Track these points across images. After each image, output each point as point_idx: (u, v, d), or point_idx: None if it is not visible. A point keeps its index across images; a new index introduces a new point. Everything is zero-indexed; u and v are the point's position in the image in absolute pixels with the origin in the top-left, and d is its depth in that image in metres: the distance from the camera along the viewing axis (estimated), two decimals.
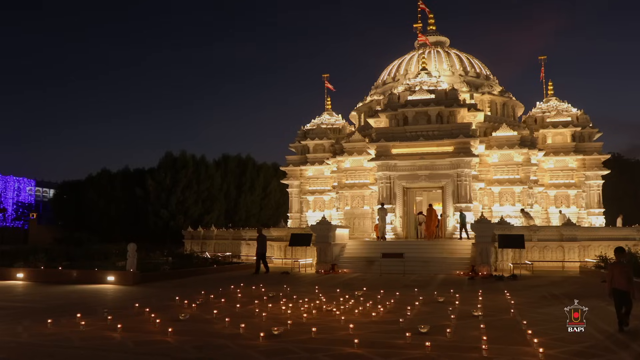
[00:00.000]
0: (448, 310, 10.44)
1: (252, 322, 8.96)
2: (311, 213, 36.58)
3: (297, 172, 37.29)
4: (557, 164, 32.96)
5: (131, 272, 15.89)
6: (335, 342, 7.46)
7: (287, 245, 27.12)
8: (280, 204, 51.36)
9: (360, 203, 33.22)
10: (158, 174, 44.07)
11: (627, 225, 28.74)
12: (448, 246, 23.87)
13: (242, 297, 12.55)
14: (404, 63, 38.61)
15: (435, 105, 29.69)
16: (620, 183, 45.55)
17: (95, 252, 21.43)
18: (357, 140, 33.70)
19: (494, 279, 18.19)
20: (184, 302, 11.30)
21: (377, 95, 38.07)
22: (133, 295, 13.31)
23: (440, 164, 29.03)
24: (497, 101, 35.86)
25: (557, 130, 33.24)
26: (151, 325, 8.67)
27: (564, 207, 32.52)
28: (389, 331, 8.39)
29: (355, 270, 21.68)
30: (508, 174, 31.21)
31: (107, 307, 10.69)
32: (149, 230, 42.20)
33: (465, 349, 7.08)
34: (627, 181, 48.75)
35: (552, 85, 37.14)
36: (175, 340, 7.55)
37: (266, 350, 6.94)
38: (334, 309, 10.44)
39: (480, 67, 37.97)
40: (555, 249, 24.12)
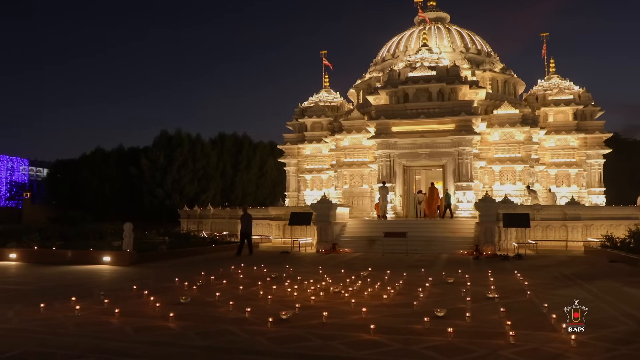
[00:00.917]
0: (461, 292, 10.00)
1: (257, 306, 8.48)
2: (309, 192, 36.14)
3: (295, 150, 36.73)
4: (559, 143, 32.49)
5: (128, 252, 15.36)
6: (348, 328, 6.99)
7: (285, 224, 26.72)
8: (276, 182, 50.85)
9: (359, 182, 32.74)
10: (153, 152, 43.37)
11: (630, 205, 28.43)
12: (450, 225, 23.47)
13: (244, 278, 12.08)
14: (403, 39, 37.78)
15: (437, 82, 29.04)
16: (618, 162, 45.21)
17: (90, 232, 20.91)
18: (356, 118, 33.08)
19: (500, 259, 17.82)
20: (183, 284, 10.80)
21: (376, 72, 37.32)
22: (130, 276, 12.81)
23: (441, 142, 28.52)
24: (498, 79, 35.21)
25: (559, 108, 32.69)
26: (151, 309, 8.17)
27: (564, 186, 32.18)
28: (403, 315, 7.93)
29: (357, 250, 21.27)
30: (509, 153, 30.73)
31: (103, 289, 10.17)
32: (144, 209, 41.66)
33: (489, 334, 6.63)
34: (624, 160, 48.43)
35: (553, 63, 36.57)
36: (177, 325, 7.05)
37: (276, 337, 6.46)
38: (342, 291, 9.98)
39: (482, 43, 37.21)
40: (558, 228, 23.80)
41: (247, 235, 20.04)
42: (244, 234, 20.03)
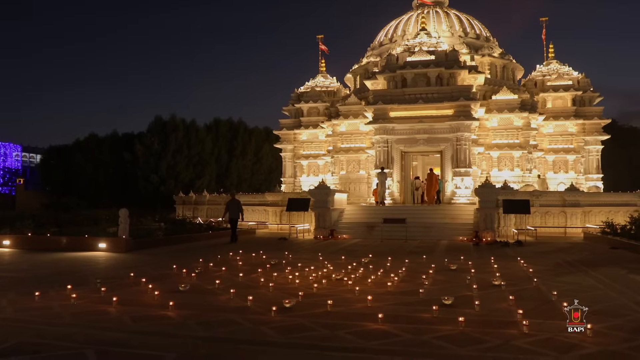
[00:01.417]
0: (465, 279, 9.81)
1: (259, 294, 8.25)
2: (305, 178, 35.94)
3: (291, 136, 36.41)
4: (557, 129, 32.30)
5: (124, 238, 15.07)
6: (355, 317, 6.77)
7: (282, 210, 26.51)
8: (272, 168, 50.56)
9: (355, 167, 32.52)
10: (147, 138, 42.87)
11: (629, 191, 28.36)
12: (449, 211, 23.30)
13: (243, 265, 11.84)
14: (401, 23, 37.30)
15: (435, 67, 28.68)
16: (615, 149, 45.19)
17: (85, 218, 20.61)
18: (353, 103, 32.72)
19: (500, 245, 17.66)
20: (182, 271, 10.55)
21: (373, 57, 36.88)
22: (126, 263, 12.55)
23: (440, 128, 28.23)
24: (497, 64, 34.87)
25: (558, 94, 32.44)
26: (149, 298, 7.91)
27: (562, 172, 32.09)
28: (409, 303, 7.72)
29: (355, 236, 21.08)
30: (507, 139, 30.53)
31: (99, 276, 9.91)
32: (139, 195, 41.28)
33: (500, 323, 6.43)
34: (620, 147, 48.40)
35: (552, 48, 36.21)
36: (177, 315, 6.80)
37: (280, 326, 6.23)
38: (344, 278, 9.76)
39: (480, 28, 36.79)
40: (557, 215, 23.67)
41: (235, 222, 19.70)
42: (232, 220, 19.71)
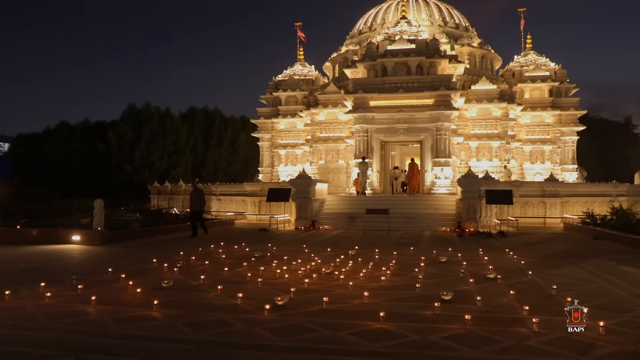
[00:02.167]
0: (459, 272, 9.53)
1: (247, 290, 7.80)
2: (283, 167, 35.52)
3: (269, 125, 35.87)
4: (534, 119, 32.50)
5: (99, 230, 14.39)
6: (353, 315, 6.40)
7: (261, 200, 26.05)
8: (248, 158, 49.85)
9: (334, 157, 32.22)
10: (121, 127, 41.62)
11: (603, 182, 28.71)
12: (431, 202, 23.15)
13: (227, 259, 11.35)
14: (381, 12, 36.90)
15: (416, 56, 28.41)
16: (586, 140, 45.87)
17: (56, 209, 19.75)
18: (332, 92, 32.32)
19: (484, 236, 17.53)
20: (163, 266, 10.02)
21: (352, 45, 36.42)
22: (103, 257, 11.92)
23: (420, 117, 28.05)
24: (476, 54, 34.82)
25: (535, 84, 32.60)
26: (131, 296, 7.38)
27: (538, 163, 32.34)
28: (407, 299, 7.39)
29: (337, 227, 20.74)
30: (486, 129, 30.54)
31: (75, 272, 9.31)
32: (112, 185, 40.14)
33: (507, 320, 6.13)
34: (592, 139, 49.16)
35: (530, 39, 36.27)
36: (163, 315, 6.31)
37: (277, 327, 5.81)
38: (334, 272, 9.37)
39: (460, 17, 36.65)
40: (537, 205, 23.76)
41: (199, 214, 17.90)
42: (194, 212, 17.77)
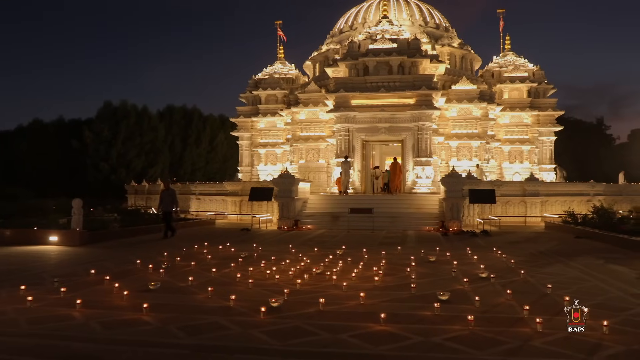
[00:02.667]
0: (452, 271, 9.43)
1: (238, 291, 7.55)
2: (262, 167, 35.24)
3: (248, 123, 35.54)
4: (513, 120, 32.83)
5: (77, 230, 13.91)
6: (352, 317, 6.21)
7: (242, 200, 25.76)
8: (227, 157, 49.40)
9: (315, 156, 32.03)
10: (97, 125, 40.70)
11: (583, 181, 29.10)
12: (414, 201, 23.12)
13: (213, 259, 11.06)
14: (362, 11, 36.85)
15: (398, 55, 28.39)
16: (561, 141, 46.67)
17: (31, 208, 19.10)
18: (313, 91, 32.11)
19: (468, 235, 17.54)
20: (147, 267, 9.69)
21: (333, 44, 36.30)
22: (83, 258, 11.50)
23: (401, 117, 28.05)
24: (456, 54, 35.02)
25: (514, 85, 32.93)
26: (118, 299, 7.06)
27: (517, 162, 32.67)
28: (403, 299, 7.24)
29: (320, 227, 20.55)
30: (466, 129, 30.71)
31: (55, 274, 8.92)
32: (88, 184, 39.24)
33: (508, 321, 6.02)
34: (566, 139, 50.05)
35: (509, 40, 36.64)
36: (154, 319, 6.03)
37: (274, 330, 5.59)
38: (326, 272, 9.18)
39: (440, 18, 36.84)
40: (517, 204, 23.95)
41: (169, 215, 16.88)
42: (165, 212, 16.84)
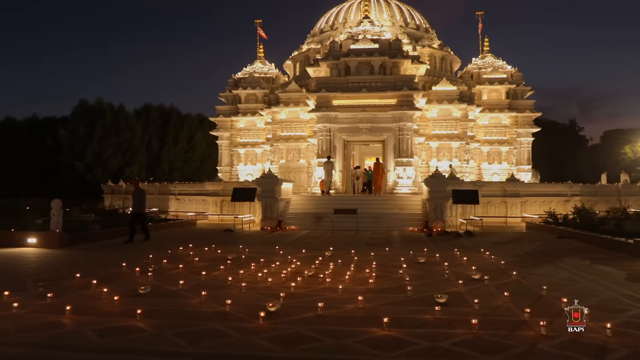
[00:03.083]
0: (444, 273, 9.39)
1: (232, 295, 7.35)
2: (242, 166, 34.98)
3: (228, 123, 35.23)
4: (492, 121, 33.18)
5: (57, 232, 13.49)
6: (352, 321, 6.09)
7: (223, 200, 25.51)
8: (205, 157, 48.88)
9: (296, 156, 31.93)
10: (72, 123, 39.75)
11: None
12: (397, 202, 23.15)
13: (200, 262, 10.82)
14: (342, 11, 36.83)
15: (379, 56, 28.43)
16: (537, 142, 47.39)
17: (4, 209, 18.50)
18: (294, 91, 31.98)
19: (453, 236, 17.60)
20: (134, 270, 9.40)
21: (314, 44, 36.18)
22: (65, 261, 11.11)
23: (383, 117, 28.09)
24: (436, 55, 35.24)
25: (493, 86, 33.29)
26: (108, 304, 6.79)
27: (495, 163, 33.00)
28: (401, 302, 7.14)
29: (304, 227, 20.40)
30: (447, 129, 30.95)
31: (39, 278, 8.58)
32: (63, 184, 38.28)
33: (511, 324, 5.97)
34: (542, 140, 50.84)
35: (487, 42, 37.06)
36: (149, 325, 5.80)
37: (276, 336, 5.43)
38: (319, 275, 9.04)
39: (420, 19, 37.03)
40: (498, 205, 24.18)
41: (141, 216, 16.17)
42: (136, 214, 16.02)
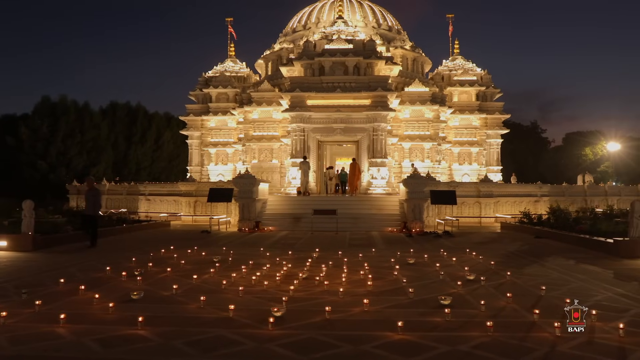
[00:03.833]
0: (439, 274, 9.33)
1: (232, 300, 7.07)
2: (213, 166, 34.46)
3: (198, 122, 34.65)
4: (462, 122, 33.64)
5: (30, 235, 12.85)
6: (363, 325, 5.93)
7: (196, 201, 25.04)
8: (173, 156, 47.96)
9: (268, 156, 31.65)
10: (33, 120, 38.25)
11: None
12: (375, 202, 23.13)
13: (186, 264, 10.46)
14: (315, 11, 36.70)
15: (354, 56, 28.42)
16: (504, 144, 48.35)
17: None
18: (267, 90, 31.67)
19: (432, 236, 17.65)
20: (120, 274, 8.98)
21: (286, 43, 35.94)
22: (43, 265, 10.54)
23: (357, 118, 28.08)
24: (408, 56, 35.49)
25: (464, 88, 33.75)
26: (102, 311, 6.41)
27: (466, 164, 33.45)
28: (405, 305, 7.02)
29: (282, 228, 20.14)
30: (419, 130, 31.18)
31: (20, 284, 8.09)
32: (24, 183, 36.76)
33: (523, 325, 5.91)
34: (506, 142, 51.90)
35: (458, 44, 37.57)
36: (153, 334, 5.48)
37: (290, 343, 5.21)
38: (315, 277, 8.84)
39: (392, 20, 37.26)
40: (472, 205, 24.47)
41: (94, 220, 14.12)
42: (90, 216, 14.13)
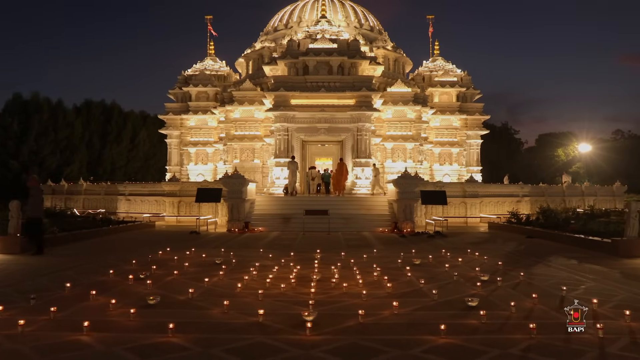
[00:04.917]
0: (452, 275, 9.23)
1: (256, 305, 6.80)
2: (193, 166, 33.88)
3: (178, 121, 34.01)
4: (443, 123, 33.88)
5: (18, 236, 12.29)
6: (401, 329, 5.75)
7: (180, 201, 24.49)
8: (149, 155, 47.03)
9: (250, 156, 31.29)
10: (4, 118, 36.97)
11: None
12: (364, 202, 23.02)
13: (190, 267, 10.10)
14: (297, 10, 36.43)
15: (338, 56, 28.31)
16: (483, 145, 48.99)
17: None
18: (249, 89, 31.30)
19: (425, 236, 17.60)
20: (127, 277, 8.57)
21: (268, 42, 35.58)
22: (39, 268, 10.02)
23: (341, 117, 28.00)
24: (390, 57, 35.57)
25: (444, 89, 34.00)
26: (123, 318, 6.05)
27: (447, 164, 33.74)
28: (433, 307, 6.87)
29: (272, 229, 19.84)
30: (401, 131, 31.25)
31: (23, 289, 7.64)
32: None
33: (560, 327, 5.80)
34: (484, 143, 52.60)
35: (438, 45, 37.81)
36: (186, 341, 5.16)
37: (336, 349, 4.99)
38: (330, 280, 8.62)
39: (374, 21, 37.29)
40: (458, 205, 24.56)
41: (37, 223, 12.52)
42: (35, 218, 12.57)
